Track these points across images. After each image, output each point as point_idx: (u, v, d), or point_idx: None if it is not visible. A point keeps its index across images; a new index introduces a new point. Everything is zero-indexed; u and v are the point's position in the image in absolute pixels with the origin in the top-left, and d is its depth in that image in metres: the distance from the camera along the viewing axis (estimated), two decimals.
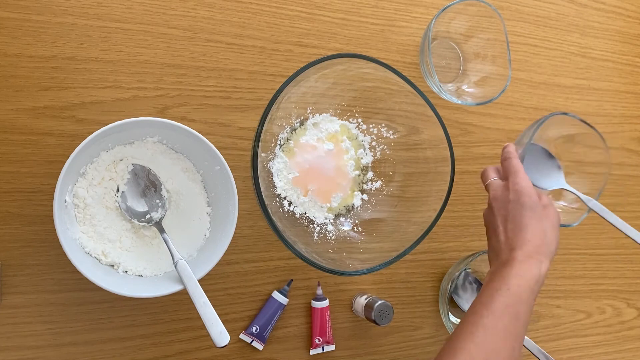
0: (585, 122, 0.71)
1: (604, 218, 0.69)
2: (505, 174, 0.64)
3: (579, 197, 0.71)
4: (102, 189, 0.62)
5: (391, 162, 0.74)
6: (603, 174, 0.72)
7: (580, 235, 0.88)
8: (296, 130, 0.72)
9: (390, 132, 0.74)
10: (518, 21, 0.86)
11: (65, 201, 0.59)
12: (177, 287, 0.59)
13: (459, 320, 0.80)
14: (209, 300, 0.58)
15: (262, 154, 0.69)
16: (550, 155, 0.73)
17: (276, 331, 0.72)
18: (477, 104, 0.77)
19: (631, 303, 0.93)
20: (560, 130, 0.73)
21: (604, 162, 0.72)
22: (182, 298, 0.68)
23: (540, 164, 0.73)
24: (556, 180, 0.72)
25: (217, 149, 0.61)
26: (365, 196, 0.74)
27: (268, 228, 0.69)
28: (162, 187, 0.64)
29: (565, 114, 0.70)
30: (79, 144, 0.55)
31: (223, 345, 0.56)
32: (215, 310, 0.57)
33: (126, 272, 0.61)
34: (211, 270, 0.60)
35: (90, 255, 0.60)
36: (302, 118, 0.72)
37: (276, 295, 0.71)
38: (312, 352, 0.73)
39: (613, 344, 0.91)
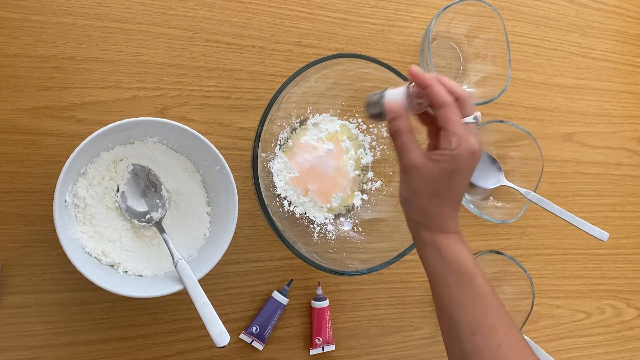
0: (518, 127, 0.79)
1: (543, 207, 0.78)
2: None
3: (519, 191, 0.80)
4: (102, 189, 0.62)
5: (391, 162, 0.74)
6: (538, 170, 0.80)
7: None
8: (296, 130, 0.72)
9: None
10: (518, 21, 0.86)
11: (66, 201, 0.59)
12: (177, 287, 0.59)
13: None
14: (209, 300, 0.58)
15: (262, 154, 0.69)
16: (491, 158, 0.82)
17: (276, 331, 0.72)
18: (477, 104, 0.77)
19: (631, 303, 0.93)
20: (499, 134, 0.81)
21: (538, 158, 0.80)
22: (182, 298, 0.68)
23: (482, 166, 0.81)
24: (497, 179, 0.81)
25: (217, 149, 0.61)
26: (365, 196, 0.74)
27: (268, 228, 0.69)
28: (162, 187, 0.64)
29: (501, 121, 0.79)
30: (79, 144, 0.55)
31: (223, 345, 0.56)
32: (215, 310, 0.57)
33: (126, 272, 0.61)
34: (211, 270, 0.60)
35: (90, 255, 0.60)
36: (302, 118, 0.72)
37: (276, 295, 0.71)
38: (312, 352, 0.73)
39: (613, 344, 0.91)
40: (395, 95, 0.52)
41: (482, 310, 0.49)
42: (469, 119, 0.51)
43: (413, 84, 0.51)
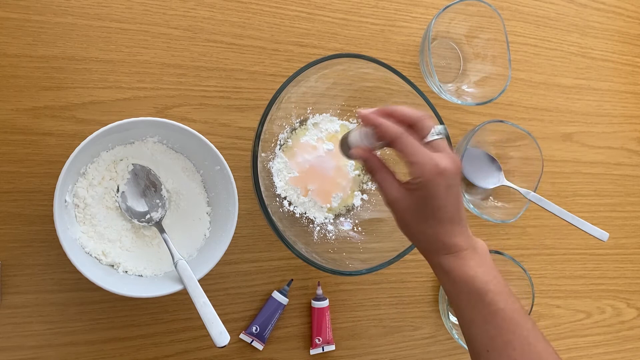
0: (518, 127, 0.79)
1: (543, 207, 0.79)
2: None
3: (518, 191, 0.80)
4: (102, 189, 0.62)
5: (390, 162, 0.74)
6: (538, 170, 0.80)
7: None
8: (296, 130, 0.72)
9: None
10: (518, 21, 0.86)
11: (66, 201, 0.59)
12: (177, 287, 0.59)
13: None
14: (209, 300, 0.58)
15: (262, 154, 0.69)
16: (491, 158, 0.82)
17: (276, 331, 0.72)
18: (477, 104, 0.77)
19: (631, 303, 0.93)
20: (499, 134, 0.81)
21: (538, 158, 0.80)
22: (182, 298, 0.68)
23: (482, 166, 0.81)
24: (497, 179, 0.81)
25: (217, 149, 0.61)
26: (365, 196, 0.74)
27: (268, 228, 0.69)
28: (162, 187, 0.64)
29: (501, 121, 0.78)
30: (79, 144, 0.55)
31: (223, 345, 0.56)
32: (215, 310, 0.57)
33: (126, 272, 0.61)
34: (211, 270, 0.60)
35: (90, 255, 0.60)
36: (302, 118, 0.72)
37: (276, 295, 0.71)
38: (312, 352, 0.73)
39: (613, 344, 0.91)
40: (358, 137, 0.53)
41: (495, 326, 0.49)
42: (431, 137, 0.50)
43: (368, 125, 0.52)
